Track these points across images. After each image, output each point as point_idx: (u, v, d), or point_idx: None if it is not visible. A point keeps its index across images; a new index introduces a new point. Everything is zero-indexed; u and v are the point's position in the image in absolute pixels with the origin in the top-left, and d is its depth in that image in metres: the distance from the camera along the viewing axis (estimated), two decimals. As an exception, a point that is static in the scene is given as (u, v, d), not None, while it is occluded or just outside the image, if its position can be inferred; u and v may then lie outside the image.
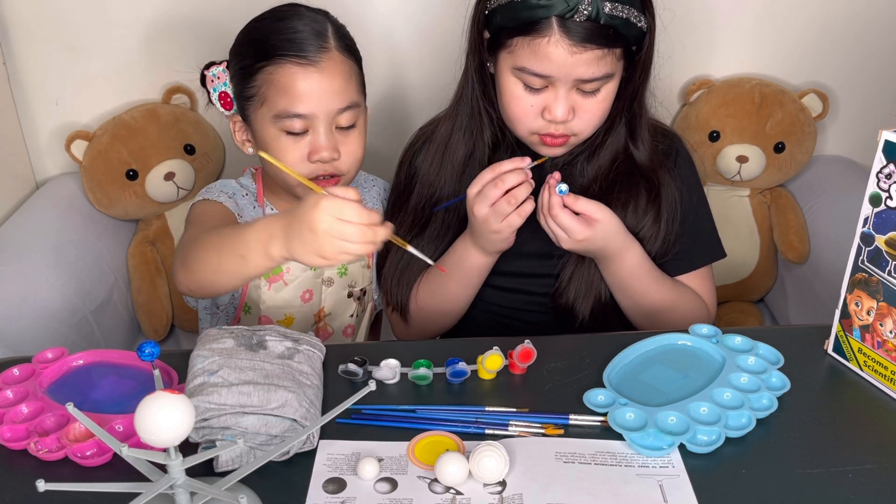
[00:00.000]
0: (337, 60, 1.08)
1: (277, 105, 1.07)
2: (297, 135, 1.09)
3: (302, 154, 1.09)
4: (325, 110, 1.07)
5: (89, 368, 0.95)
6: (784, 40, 1.65)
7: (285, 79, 1.06)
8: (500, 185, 1.04)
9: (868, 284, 0.90)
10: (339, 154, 1.10)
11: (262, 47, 1.09)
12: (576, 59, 0.99)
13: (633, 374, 0.93)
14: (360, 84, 1.13)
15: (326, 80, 1.07)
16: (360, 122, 1.13)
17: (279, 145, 1.09)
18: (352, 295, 1.24)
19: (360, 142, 1.13)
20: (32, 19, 1.55)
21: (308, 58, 1.06)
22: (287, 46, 1.07)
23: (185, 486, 0.70)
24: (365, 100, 1.16)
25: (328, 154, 1.08)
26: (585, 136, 1.09)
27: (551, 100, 1.03)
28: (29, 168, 1.67)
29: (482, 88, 1.12)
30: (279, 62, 1.07)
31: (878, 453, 0.82)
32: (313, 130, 1.08)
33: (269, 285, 1.18)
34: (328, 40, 1.08)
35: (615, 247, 1.08)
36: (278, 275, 1.18)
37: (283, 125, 1.08)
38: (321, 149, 1.08)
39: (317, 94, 1.06)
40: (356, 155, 1.13)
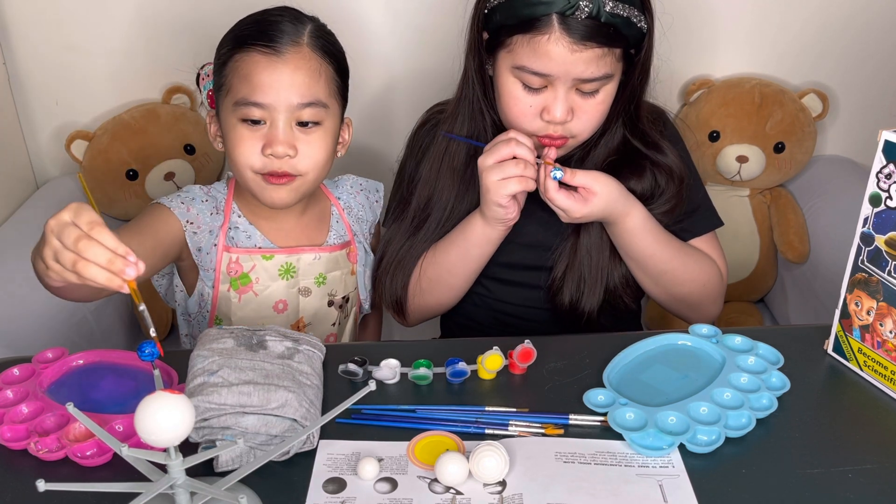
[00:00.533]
0: (305, 55, 1.07)
1: (239, 92, 1.06)
2: (255, 124, 1.07)
3: (256, 145, 1.07)
4: (286, 103, 1.05)
5: (89, 368, 0.95)
6: (784, 40, 1.65)
7: (249, 66, 1.06)
8: (513, 145, 1.03)
9: (868, 284, 0.90)
10: (296, 152, 1.07)
11: (237, 37, 1.09)
12: (576, 57, 0.99)
13: (633, 374, 0.93)
14: (335, 88, 1.11)
15: (289, 72, 1.05)
16: (328, 125, 1.10)
17: (236, 134, 1.08)
18: (332, 304, 1.22)
19: (324, 144, 1.10)
20: (32, 19, 1.55)
21: (275, 48, 1.06)
22: (257, 36, 1.07)
23: (185, 486, 0.70)
24: (342, 107, 1.14)
25: (282, 149, 1.06)
26: (583, 138, 1.09)
27: (550, 100, 1.03)
28: (29, 168, 1.67)
29: (482, 90, 1.11)
30: (247, 50, 1.06)
31: (878, 453, 0.82)
32: (271, 123, 1.07)
33: (240, 297, 1.17)
34: (302, 36, 1.08)
35: (617, 212, 1.07)
36: (248, 285, 1.17)
37: (241, 113, 1.07)
38: (275, 142, 1.06)
39: (277, 85, 1.05)
40: (316, 157, 1.09)
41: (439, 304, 1.21)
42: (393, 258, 1.19)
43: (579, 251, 1.14)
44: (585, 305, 1.14)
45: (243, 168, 1.09)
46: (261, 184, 1.10)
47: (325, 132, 1.10)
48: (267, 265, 1.17)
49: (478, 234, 1.12)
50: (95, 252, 0.76)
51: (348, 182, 1.29)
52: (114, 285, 0.76)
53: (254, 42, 1.06)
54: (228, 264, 1.16)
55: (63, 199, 1.59)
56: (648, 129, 1.14)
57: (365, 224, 1.28)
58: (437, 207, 1.16)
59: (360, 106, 1.65)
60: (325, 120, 1.09)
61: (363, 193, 1.29)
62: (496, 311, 1.24)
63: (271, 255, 1.17)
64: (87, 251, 0.76)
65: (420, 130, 1.23)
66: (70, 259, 0.77)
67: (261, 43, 1.06)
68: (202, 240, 1.15)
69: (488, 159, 1.05)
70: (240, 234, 1.17)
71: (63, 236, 0.77)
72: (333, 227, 1.23)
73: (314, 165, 1.10)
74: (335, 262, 1.21)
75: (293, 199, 1.11)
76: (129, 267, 0.76)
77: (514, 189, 1.04)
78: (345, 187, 1.28)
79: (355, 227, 1.25)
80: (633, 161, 1.13)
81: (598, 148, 1.13)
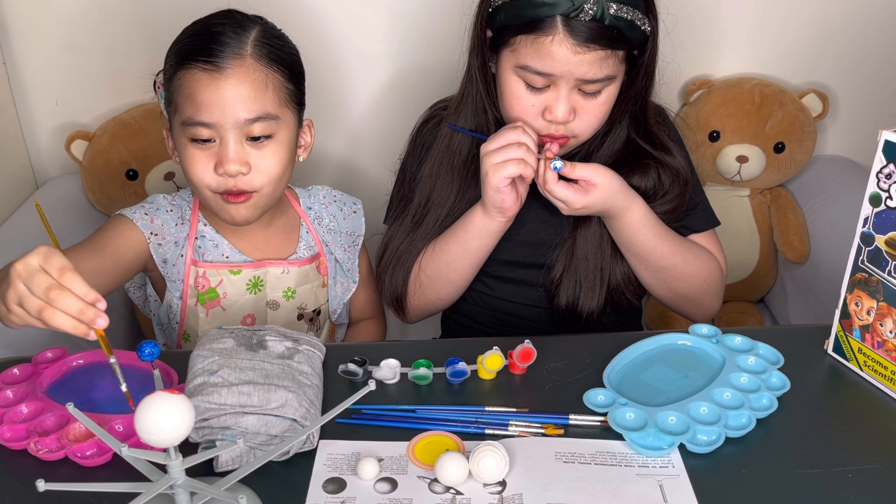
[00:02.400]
0: (249, 68, 1.03)
1: (185, 112, 1.04)
2: (205, 143, 1.04)
3: (209, 164, 1.05)
4: (232, 120, 1.03)
5: (89, 368, 0.95)
6: (784, 40, 1.65)
7: (192, 85, 1.03)
8: (519, 132, 1.03)
9: (868, 284, 0.90)
10: (249, 168, 1.05)
11: (179, 52, 1.06)
12: (579, 58, 0.99)
13: (633, 374, 0.93)
14: (286, 96, 1.08)
15: (232, 87, 1.02)
16: (282, 136, 1.08)
17: (188, 155, 1.06)
18: (302, 317, 1.22)
19: (278, 157, 1.07)
20: (32, 19, 1.55)
21: (215, 63, 1.02)
22: (197, 51, 1.04)
23: (185, 486, 0.70)
24: (298, 113, 1.12)
25: (234, 167, 1.04)
26: (584, 138, 1.09)
27: (552, 100, 1.03)
28: (29, 168, 1.67)
29: (485, 87, 1.12)
30: (188, 67, 1.03)
31: (878, 453, 0.82)
32: (221, 141, 1.04)
33: (207, 312, 1.16)
34: (244, 47, 1.04)
35: (618, 206, 1.07)
36: (215, 300, 1.16)
37: (189, 133, 1.04)
38: (226, 161, 1.03)
39: (221, 103, 1.02)
40: (271, 171, 1.07)
41: (439, 299, 1.20)
42: (393, 255, 1.18)
43: (577, 254, 1.14)
44: (584, 307, 1.14)
45: (200, 188, 1.07)
46: (220, 203, 1.08)
47: (278, 144, 1.07)
48: (234, 279, 1.16)
49: (477, 225, 1.11)
50: (66, 302, 0.76)
51: (321, 192, 1.27)
52: (79, 333, 0.77)
53: (194, 58, 1.03)
54: (196, 278, 1.15)
55: (63, 199, 1.60)
56: (656, 131, 1.14)
57: (339, 235, 1.25)
58: (438, 204, 1.16)
59: (361, 106, 1.66)
60: (277, 131, 1.07)
61: (336, 205, 1.27)
62: (496, 310, 1.24)
63: (239, 269, 1.16)
64: (58, 301, 0.76)
65: (423, 128, 1.23)
66: (36, 306, 0.77)
67: (201, 59, 1.03)
68: (167, 251, 1.14)
69: (491, 144, 1.05)
70: (207, 243, 1.16)
71: (32, 283, 0.77)
72: (303, 237, 1.22)
73: (270, 180, 1.07)
74: (305, 276, 1.20)
75: (254, 215, 1.10)
76: (100, 318, 0.77)
77: (512, 171, 1.03)
78: (317, 197, 1.26)
79: (326, 238, 1.23)
80: (638, 159, 1.13)
81: (602, 149, 1.13)
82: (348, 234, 1.26)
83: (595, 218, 1.12)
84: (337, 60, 1.61)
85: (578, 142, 1.10)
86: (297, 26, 1.55)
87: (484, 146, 1.05)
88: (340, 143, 1.68)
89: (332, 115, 1.65)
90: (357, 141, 1.69)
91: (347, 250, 1.26)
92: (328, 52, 1.59)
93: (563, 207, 1.06)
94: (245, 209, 1.08)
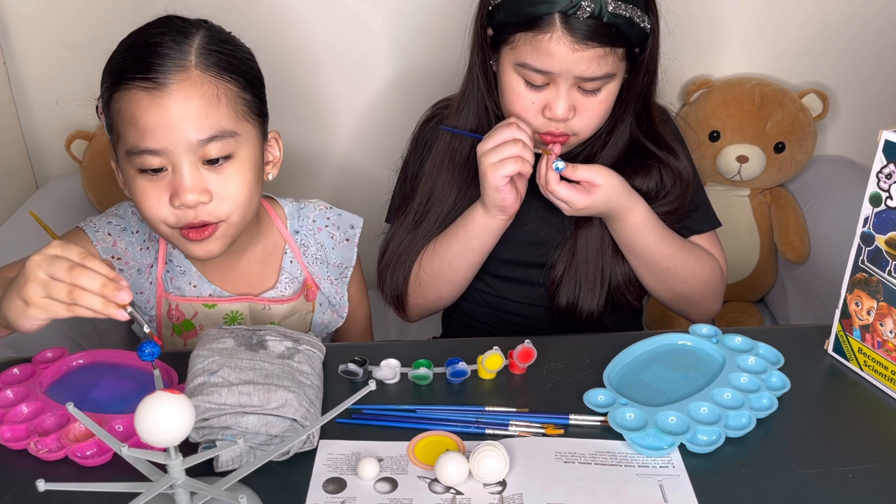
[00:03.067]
0: (195, 81, 0.90)
1: (128, 139, 0.91)
2: (156, 173, 0.92)
3: (163, 197, 0.92)
4: (183, 144, 0.90)
5: (89, 368, 0.95)
6: (784, 40, 1.65)
7: (131, 107, 0.90)
8: (514, 128, 1.02)
9: (868, 284, 0.90)
10: (210, 196, 0.92)
11: (114, 70, 0.93)
12: (577, 56, 0.99)
13: (633, 374, 0.93)
14: (244, 107, 0.95)
15: (179, 105, 0.89)
16: (244, 154, 0.95)
17: (138, 188, 0.93)
18: None
19: (242, 178, 0.94)
20: (32, 19, 1.56)
21: (155, 80, 0.89)
22: (134, 67, 0.90)
23: (185, 485, 0.70)
24: (261, 125, 0.99)
25: (192, 197, 0.91)
26: (585, 136, 1.09)
27: (552, 97, 1.04)
28: (29, 168, 1.67)
29: (486, 85, 1.12)
30: (125, 87, 0.90)
31: (878, 453, 0.82)
32: (173, 168, 0.91)
33: (185, 342, 1.09)
34: (187, 57, 0.91)
35: (620, 207, 1.07)
36: (192, 331, 1.09)
37: (136, 163, 0.91)
38: (182, 191, 0.91)
39: (168, 124, 0.89)
40: (236, 196, 0.94)
41: (440, 297, 1.20)
42: (394, 253, 1.18)
43: (578, 254, 1.14)
44: (583, 307, 1.14)
45: (156, 224, 0.95)
46: (180, 239, 0.96)
47: (240, 164, 0.95)
48: (210, 313, 1.08)
49: (478, 223, 1.11)
50: (90, 277, 0.76)
51: (314, 212, 1.13)
52: (109, 311, 0.76)
53: (131, 76, 0.90)
54: (168, 311, 1.08)
55: (63, 199, 1.60)
56: (661, 130, 1.14)
57: (325, 267, 1.13)
58: (439, 203, 1.16)
59: (361, 106, 1.66)
60: (237, 150, 0.94)
61: (328, 230, 1.13)
62: (497, 309, 1.24)
63: (213, 304, 1.07)
64: (82, 277, 0.76)
65: (425, 127, 1.23)
66: (65, 289, 0.76)
67: (139, 76, 0.89)
68: (129, 278, 1.05)
69: (487, 143, 1.04)
70: (174, 268, 1.07)
71: (54, 268, 0.77)
72: (285, 269, 1.10)
73: (236, 206, 0.95)
74: (290, 310, 1.11)
75: (221, 248, 0.98)
76: (122, 291, 0.76)
77: (510, 170, 1.03)
78: (307, 220, 1.13)
79: (311, 269, 1.13)
80: (641, 160, 1.13)
81: (605, 148, 1.13)
82: (336, 265, 1.15)
83: (596, 218, 1.12)
84: (337, 61, 1.61)
85: (579, 140, 1.10)
86: (298, 27, 1.56)
87: (480, 146, 1.05)
88: (341, 144, 1.68)
89: (332, 114, 1.66)
90: (356, 142, 1.69)
91: (335, 283, 1.15)
92: (329, 52, 1.59)
93: (566, 208, 1.06)
94: (210, 244, 0.96)
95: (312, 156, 1.67)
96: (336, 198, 1.36)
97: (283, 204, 1.14)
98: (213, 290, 1.08)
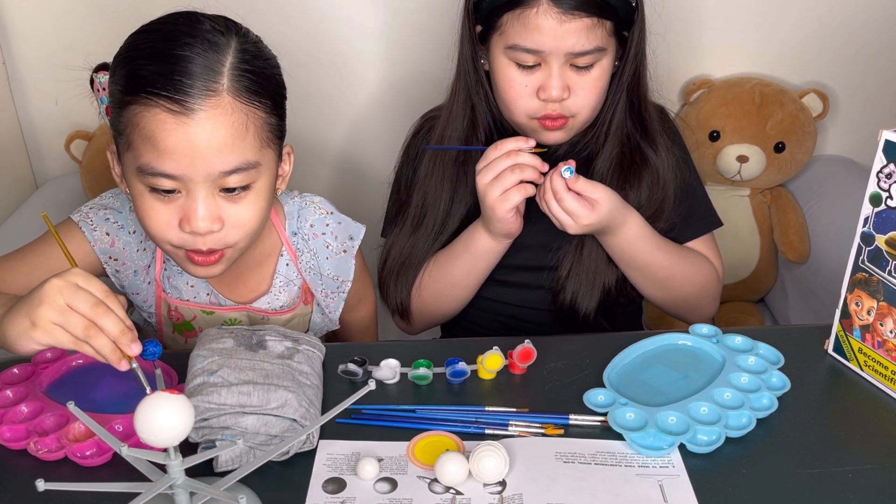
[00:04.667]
0: (227, 109, 0.84)
1: (142, 156, 0.85)
2: (168, 194, 0.87)
3: (172, 218, 0.88)
4: (204, 172, 0.85)
5: (89, 368, 0.95)
6: (784, 40, 1.65)
7: (152, 126, 0.83)
8: (509, 158, 1.02)
9: (868, 284, 0.90)
10: (222, 224, 0.88)
11: (134, 76, 0.85)
12: (565, 28, 0.99)
13: (633, 374, 0.93)
14: (269, 134, 0.90)
15: (206, 134, 0.83)
16: (261, 184, 0.90)
17: (144, 203, 0.88)
18: None
19: (256, 208, 0.90)
20: (32, 19, 1.56)
21: (184, 103, 0.82)
22: (158, 82, 0.82)
23: (185, 486, 0.69)
24: (280, 147, 0.94)
25: (204, 225, 0.86)
26: (584, 117, 1.08)
27: (545, 78, 1.03)
28: (29, 168, 1.67)
29: (476, 85, 1.11)
30: (146, 102, 0.83)
31: (878, 453, 0.82)
32: (188, 193, 0.86)
33: (186, 340, 1.08)
34: (219, 78, 0.84)
35: (618, 220, 1.07)
36: (192, 331, 1.08)
37: (148, 181, 0.86)
38: (194, 219, 0.86)
39: (191, 153, 0.83)
40: (248, 226, 0.91)
41: (443, 314, 1.21)
42: (396, 261, 1.18)
43: (585, 250, 1.13)
44: (583, 305, 1.14)
45: (161, 243, 0.92)
46: (182, 258, 0.93)
47: (257, 193, 0.90)
48: (208, 318, 1.07)
49: (483, 249, 1.11)
50: (112, 321, 0.75)
51: (313, 216, 1.07)
52: (114, 359, 0.76)
53: (155, 92, 0.82)
54: (168, 311, 1.07)
55: (63, 199, 1.60)
56: (649, 118, 1.13)
57: (319, 278, 1.08)
58: (434, 204, 1.16)
59: (360, 107, 1.66)
60: (257, 180, 0.89)
61: (323, 239, 1.07)
62: (498, 313, 1.24)
63: (211, 311, 1.06)
64: (105, 319, 0.75)
65: (415, 139, 1.23)
66: (83, 324, 0.75)
67: (164, 94, 0.82)
68: (125, 278, 1.04)
69: (486, 175, 1.03)
70: (172, 268, 1.05)
71: (76, 300, 0.76)
72: (280, 272, 1.07)
73: (245, 234, 0.91)
74: (290, 316, 1.10)
75: (223, 270, 0.95)
76: (135, 343, 0.76)
77: (516, 201, 1.03)
78: (304, 223, 1.07)
79: (306, 277, 1.09)
80: (634, 164, 1.12)
81: (605, 147, 1.13)
82: (332, 277, 1.10)
83: None
84: (340, 60, 1.61)
85: (578, 122, 1.09)
86: (297, 25, 1.56)
87: (479, 179, 1.04)
88: (340, 139, 1.68)
89: (332, 111, 1.65)
90: (356, 143, 1.68)
91: (330, 296, 1.11)
92: (328, 47, 1.59)
93: (570, 223, 1.04)
94: (213, 268, 0.93)
95: (311, 153, 1.66)
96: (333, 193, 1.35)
97: (285, 201, 1.09)
98: (210, 291, 1.07)
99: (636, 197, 1.12)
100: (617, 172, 1.12)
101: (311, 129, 1.64)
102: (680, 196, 1.15)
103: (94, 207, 1.04)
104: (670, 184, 1.14)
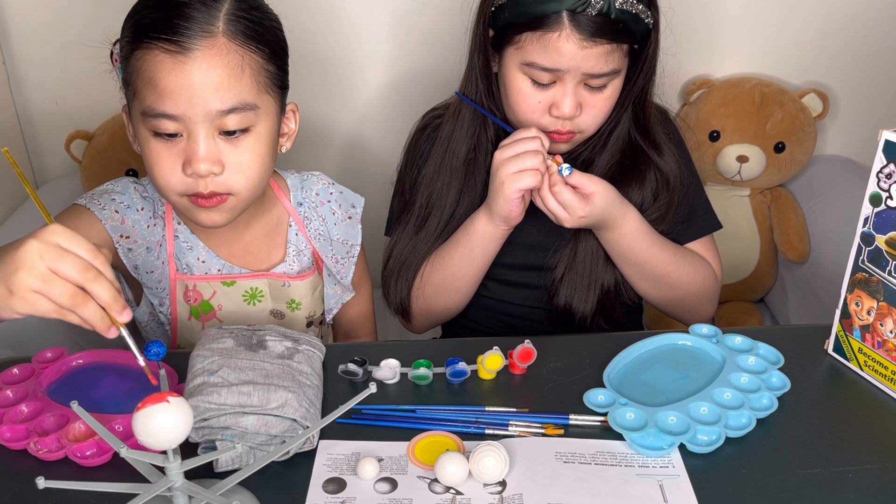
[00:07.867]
0: (222, 49, 0.88)
1: (145, 99, 0.89)
2: (170, 138, 0.90)
3: (175, 163, 0.91)
4: (202, 111, 0.88)
5: (89, 368, 0.95)
6: (784, 40, 1.65)
7: (152, 67, 0.88)
8: (535, 143, 1.02)
9: (868, 284, 0.90)
10: (222, 167, 0.91)
11: (136, 25, 0.91)
12: (586, 53, 0.99)
13: (633, 374, 0.93)
14: (266, 80, 0.93)
15: (202, 72, 0.87)
16: (262, 128, 0.93)
17: (151, 150, 0.92)
18: (311, 324, 1.14)
19: (257, 153, 0.93)
20: (32, 19, 1.56)
21: (181, 44, 0.86)
22: (160, 27, 0.87)
23: (183, 488, 0.69)
24: (280, 98, 0.97)
25: (205, 167, 0.90)
26: (589, 133, 1.09)
27: (559, 95, 1.04)
28: (29, 168, 1.67)
29: (486, 87, 1.11)
30: (147, 46, 0.88)
31: (878, 453, 0.82)
32: (189, 135, 0.90)
33: (203, 325, 1.07)
34: (215, 22, 0.88)
35: (614, 216, 1.07)
36: (210, 312, 1.07)
37: (151, 125, 0.90)
38: (195, 159, 0.89)
39: (188, 91, 0.87)
40: (249, 171, 0.93)
41: (446, 308, 1.20)
42: (398, 260, 1.18)
43: (579, 254, 1.13)
44: (579, 308, 1.14)
45: (166, 191, 0.95)
46: (188, 206, 0.95)
47: (257, 137, 0.93)
48: (229, 291, 1.06)
49: (480, 233, 1.11)
50: (101, 286, 0.70)
51: (317, 185, 1.12)
52: (102, 328, 0.70)
53: (155, 36, 0.87)
54: (185, 293, 1.05)
55: (63, 199, 1.59)
56: (653, 128, 1.14)
57: (329, 243, 1.11)
58: (439, 205, 1.16)
59: (360, 106, 1.66)
60: (255, 123, 0.93)
61: (330, 205, 1.11)
62: (498, 312, 1.24)
63: (232, 281, 1.06)
64: (96, 285, 0.69)
65: (419, 137, 1.22)
66: (69, 292, 0.69)
67: (163, 37, 0.87)
68: (139, 257, 1.02)
69: (507, 152, 1.03)
70: (181, 245, 1.05)
71: (61, 263, 0.69)
72: (291, 241, 1.09)
73: (247, 180, 0.94)
74: (311, 285, 1.11)
75: (227, 219, 0.97)
76: (126, 310, 0.71)
77: (528, 182, 1.02)
78: (310, 192, 1.11)
79: (316, 244, 1.12)
80: (636, 164, 1.12)
81: (605, 150, 1.13)
82: (341, 242, 1.14)
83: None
84: (343, 58, 1.61)
85: (583, 137, 1.10)
86: (301, 22, 1.55)
87: (498, 153, 1.04)
88: (344, 135, 1.68)
89: (340, 95, 1.64)
90: (356, 143, 1.68)
91: (341, 261, 1.14)
92: (332, 45, 1.59)
93: (565, 216, 1.04)
94: (217, 214, 0.95)
95: (318, 134, 1.65)
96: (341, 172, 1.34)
97: (286, 176, 1.12)
98: (223, 265, 1.06)
99: (638, 197, 1.12)
100: (616, 173, 1.12)
101: (314, 125, 1.64)
102: (681, 198, 1.15)
103: (98, 192, 1.05)
104: (677, 189, 1.14)
